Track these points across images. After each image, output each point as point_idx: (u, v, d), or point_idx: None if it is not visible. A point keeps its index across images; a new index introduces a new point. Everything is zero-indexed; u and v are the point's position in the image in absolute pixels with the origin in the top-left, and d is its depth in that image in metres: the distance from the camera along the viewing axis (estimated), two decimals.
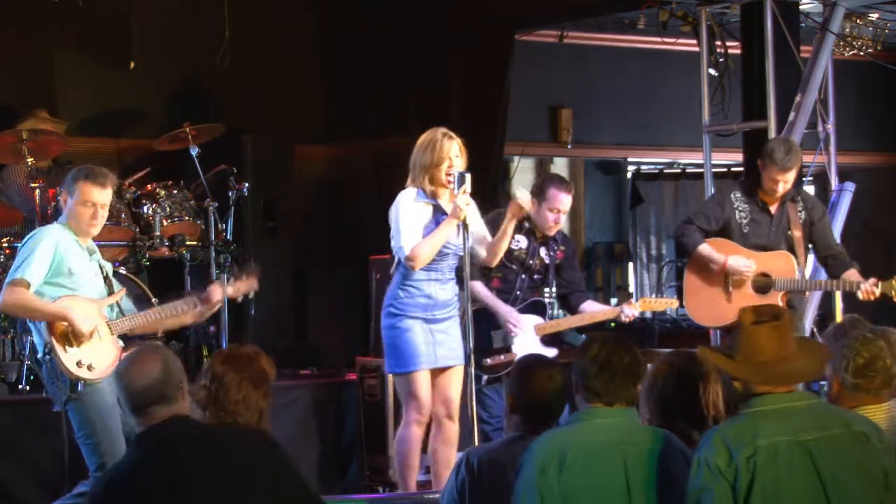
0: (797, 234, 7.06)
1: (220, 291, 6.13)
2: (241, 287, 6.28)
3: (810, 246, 7.22)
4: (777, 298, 6.97)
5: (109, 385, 5.69)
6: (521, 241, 7.20)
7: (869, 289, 6.89)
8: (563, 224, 7.52)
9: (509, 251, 7.17)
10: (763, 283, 7.00)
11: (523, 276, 7.18)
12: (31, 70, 9.05)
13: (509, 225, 6.38)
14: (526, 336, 7.04)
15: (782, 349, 3.91)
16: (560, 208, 7.14)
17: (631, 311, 7.22)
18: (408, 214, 6.20)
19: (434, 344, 6.25)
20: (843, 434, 3.83)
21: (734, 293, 7.04)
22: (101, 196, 5.87)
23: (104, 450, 5.66)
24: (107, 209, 5.94)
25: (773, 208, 7.10)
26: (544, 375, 4.48)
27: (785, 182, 7.00)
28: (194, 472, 3.80)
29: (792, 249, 7.09)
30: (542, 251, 7.24)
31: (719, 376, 4.28)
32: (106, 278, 5.98)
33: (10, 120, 8.23)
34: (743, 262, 6.99)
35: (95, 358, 5.74)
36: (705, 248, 7.05)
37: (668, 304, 7.34)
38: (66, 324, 5.69)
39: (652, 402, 4.33)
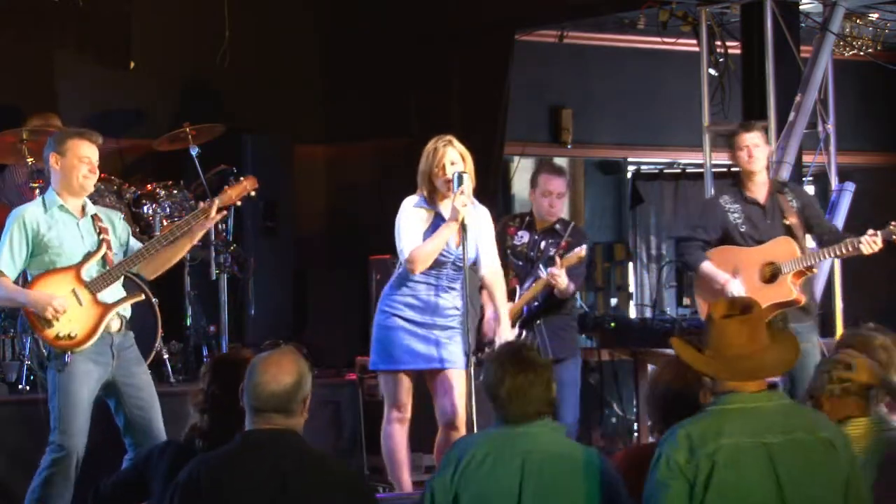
0: (793, 220, 7.05)
1: (216, 201, 5.94)
2: (234, 192, 6.08)
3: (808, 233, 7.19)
4: (787, 282, 6.92)
5: (89, 354, 5.72)
6: (524, 236, 7.29)
7: (869, 239, 6.86)
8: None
9: (513, 247, 7.27)
10: (770, 271, 6.98)
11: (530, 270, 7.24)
12: (31, 70, 9.03)
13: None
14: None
15: (752, 343, 3.85)
16: (552, 190, 7.21)
17: (553, 272, 6.99)
18: (408, 219, 6.20)
19: (425, 345, 6.19)
20: (808, 439, 3.77)
21: (745, 290, 6.98)
22: (93, 152, 5.86)
23: (62, 416, 5.68)
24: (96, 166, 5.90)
25: (761, 199, 7.07)
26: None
27: (756, 147, 6.97)
28: (295, 491, 3.75)
29: (791, 237, 7.07)
30: (543, 244, 7.28)
31: None
32: (100, 232, 5.87)
33: (10, 120, 8.22)
34: (740, 290, 6.92)
35: (74, 326, 5.71)
36: (707, 267, 7.02)
37: (578, 255, 7.12)
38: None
39: (652, 408, 4.31)
